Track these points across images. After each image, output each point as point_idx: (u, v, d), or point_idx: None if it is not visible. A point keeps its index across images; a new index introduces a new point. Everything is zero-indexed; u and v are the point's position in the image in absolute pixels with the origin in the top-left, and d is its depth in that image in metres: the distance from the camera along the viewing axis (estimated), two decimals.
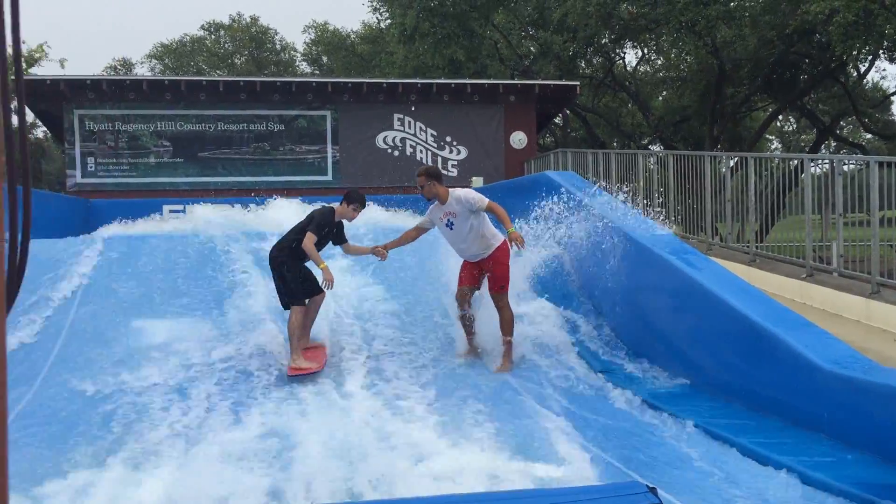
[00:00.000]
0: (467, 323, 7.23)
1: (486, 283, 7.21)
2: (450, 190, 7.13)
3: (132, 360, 6.95)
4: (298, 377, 6.47)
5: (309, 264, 7.07)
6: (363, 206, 7.11)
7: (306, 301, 6.99)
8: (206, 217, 13.88)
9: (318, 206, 7.27)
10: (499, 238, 7.10)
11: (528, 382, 6.55)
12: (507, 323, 7.01)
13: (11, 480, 1.08)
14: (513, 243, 6.79)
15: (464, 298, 7.13)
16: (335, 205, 7.10)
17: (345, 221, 7.24)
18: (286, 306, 6.95)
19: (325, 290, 6.88)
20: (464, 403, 5.93)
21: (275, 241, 7.33)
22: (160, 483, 4.38)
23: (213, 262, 9.45)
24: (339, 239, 7.28)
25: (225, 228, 11.49)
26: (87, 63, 75.63)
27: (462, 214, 6.96)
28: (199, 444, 5.14)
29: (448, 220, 7.06)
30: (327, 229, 6.94)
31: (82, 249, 9.42)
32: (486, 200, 6.97)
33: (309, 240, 6.70)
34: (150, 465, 4.71)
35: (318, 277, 7.03)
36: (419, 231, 7.35)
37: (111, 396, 6.21)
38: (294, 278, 6.86)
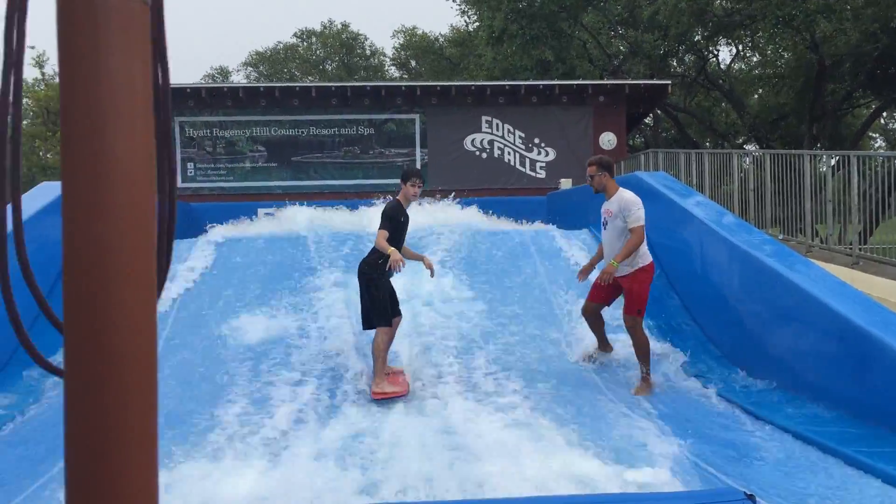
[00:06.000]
0: (595, 329, 7.03)
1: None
2: (621, 189, 6.70)
3: (227, 361, 7.19)
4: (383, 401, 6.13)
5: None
6: (420, 178, 6.63)
7: (392, 321, 6.56)
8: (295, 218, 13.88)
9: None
10: (647, 258, 6.60)
11: (620, 387, 6.50)
12: (639, 349, 6.54)
13: None
14: (603, 272, 6.52)
15: (587, 314, 6.91)
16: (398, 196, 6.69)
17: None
18: (370, 326, 6.52)
19: (395, 273, 6.33)
20: (555, 406, 5.92)
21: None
22: (253, 478, 4.51)
23: (307, 263, 9.66)
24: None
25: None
26: (188, 72, 78.61)
27: (617, 217, 6.59)
28: (291, 441, 5.28)
29: (604, 217, 6.74)
30: (402, 219, 6.56)
31: (192, 251, 9.75)
32: (641, 223, 6.49)
33: (381, 236, 6.34)
34: (243, 460, 4.85)
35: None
36: None
37: (203, 393, 6.45)
38: (382, 295, 6.42)
